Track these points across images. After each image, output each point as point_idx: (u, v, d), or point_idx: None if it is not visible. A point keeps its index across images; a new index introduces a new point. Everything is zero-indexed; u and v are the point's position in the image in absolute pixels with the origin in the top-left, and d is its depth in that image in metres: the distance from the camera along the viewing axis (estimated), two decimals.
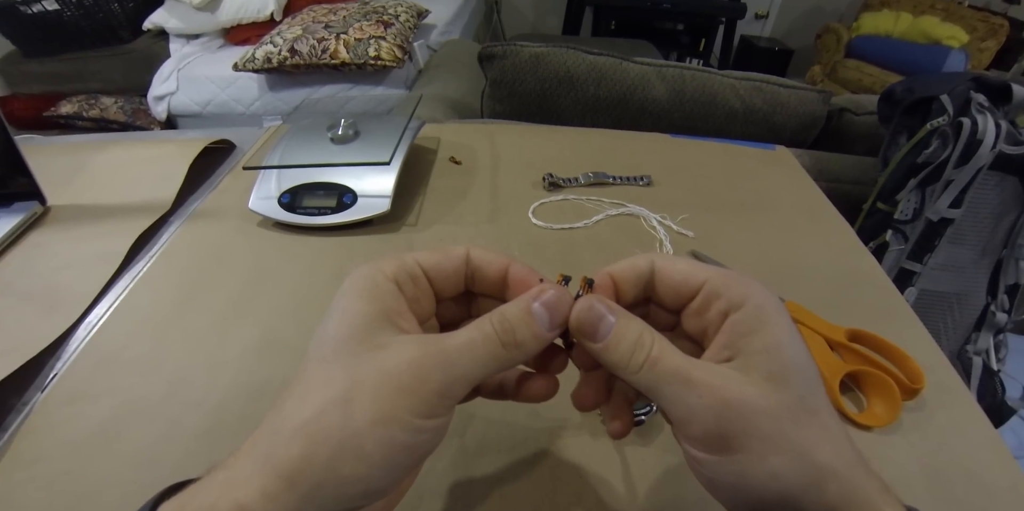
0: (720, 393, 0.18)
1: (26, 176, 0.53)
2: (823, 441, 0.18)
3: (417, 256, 0.21)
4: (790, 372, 0.18)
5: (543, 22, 3.16)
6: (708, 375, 0.18)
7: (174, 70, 1.89)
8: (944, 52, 2.20)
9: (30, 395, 0.38)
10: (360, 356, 0.18)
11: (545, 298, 0.20)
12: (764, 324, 0.19)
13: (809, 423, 0.18)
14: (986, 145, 0.76)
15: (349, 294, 0.20)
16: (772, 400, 0.18)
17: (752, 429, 0.18)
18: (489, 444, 0.34)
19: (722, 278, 0.21)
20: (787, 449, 0.18)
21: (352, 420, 0.16)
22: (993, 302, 0.86)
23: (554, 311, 0.20)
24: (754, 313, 0.20)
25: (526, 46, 0.91)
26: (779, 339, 0.19)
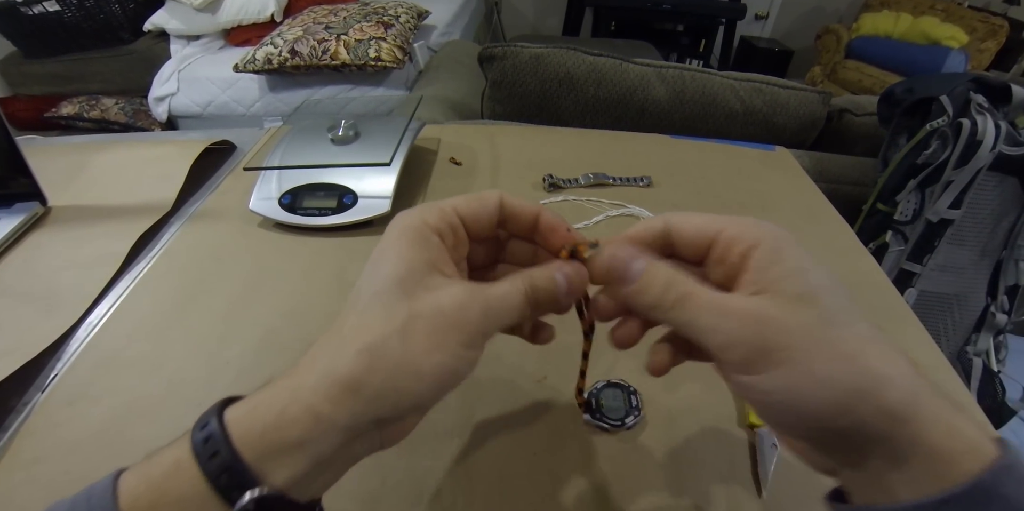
0: (757, 314, 0.19)
1: (27, 177, 0.54)
2: (868, 348, 0.19)
3: (456, 204, 0.24)
4: (817, 291, 0.20)
5: (543, 23, 3.16)
6: (742, 302, 0.20)
7: (175, 71, 1.89)
8: (944, 53, 2.20)
9: (30, 395, 0.38)
10: (415, 294, 0.20)
11: (566, 271, 0.23)
12: (783, 256, 0.21)
13: (849, 334, 0.19)
14: (986, 146, 0.77)
15: (400, 243, 0.22)
16: (806, 315, 0.19)
17: (793, 341, 0.19)
18: (488, 447, 0.34)
19: (736, 224, 0.22)
20: (830, 356, 0.18)
21: (411, 346, 0.20)
22: (993, 303, 0.86)
23: (572, 282, 0.23)
24: (772, 247, 0.21)
25: (526, 47, 0.91)
26: (799, 265, 0.20)
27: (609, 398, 0.36)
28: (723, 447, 0.35)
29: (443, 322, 0.20)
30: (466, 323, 0.21)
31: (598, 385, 0.37)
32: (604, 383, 0.37)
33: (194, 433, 0.19)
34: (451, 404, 0.36)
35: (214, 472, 0.18)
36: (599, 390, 0.37)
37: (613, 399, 0.36)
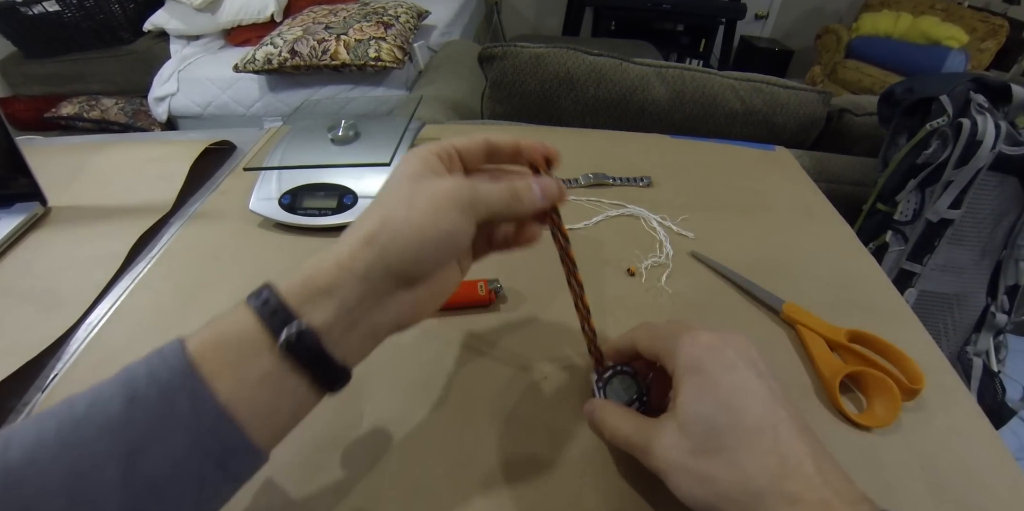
0: (649, 450, 0.27)
1: (27, 177, 0.54)
2: (722, 474, 0.24)
3: (452, 140, 0.29)
4: (692, 423, 0.26)
5: (543, 23, 3.17)
6: (642, 437, 0.28)
7: (174, 71, 1.89)
8: (944, 53, 2.20)
9: (30, 395, 0.38)
10: (419, 182, 0.26)
11: (543, 183, 0.29)
12: (683, 385, 0.27)
13: (709, 461, 0.25)
14: (986, 146, 0.77)
15: (407, 160, 0.28)
16: (681, 446, 0.26)
17: (668, 468, 0.26)
18: (486, 451, 0.34)
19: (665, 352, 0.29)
20: (691, 480, 0.25)
21: (413, 210, 0.25)
22: (993, 303, 0.86)
23: (545, 190, 0.29)
24: (680, 377, 0.27)
25: (526, 47, 0.91)
26: (688, 397, 0.26)
27: (617, 388, 0.34)
28: None
29: (440, 194, 0.25)
30: (459, 196, 0.25)
31: (606, 375, 0.34)
32: (612, 371, 0.34)
33: (249, 298, 0.24)
34: (451, 402, 0.36)
35: (265, 314, 0.23)
36: (608, 379, 0.34)
37: (623, 388, 0.34)
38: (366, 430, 0.35)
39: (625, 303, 0.45)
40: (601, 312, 0.44)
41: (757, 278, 0.47)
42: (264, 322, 0.23)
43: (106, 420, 0.20)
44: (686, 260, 0.50)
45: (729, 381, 0.26)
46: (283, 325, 0.23)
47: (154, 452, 0.20)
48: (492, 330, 0.42)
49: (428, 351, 0.40)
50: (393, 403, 0.36)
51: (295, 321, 0.23)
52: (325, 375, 0.24)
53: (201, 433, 0.21)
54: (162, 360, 0.22)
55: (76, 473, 0.19)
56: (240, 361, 0.22)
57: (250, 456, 0.23)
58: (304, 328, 0.23)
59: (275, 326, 0.23)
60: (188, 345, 0.22)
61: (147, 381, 0.21)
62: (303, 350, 0.23)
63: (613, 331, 0.42)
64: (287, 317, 0.23)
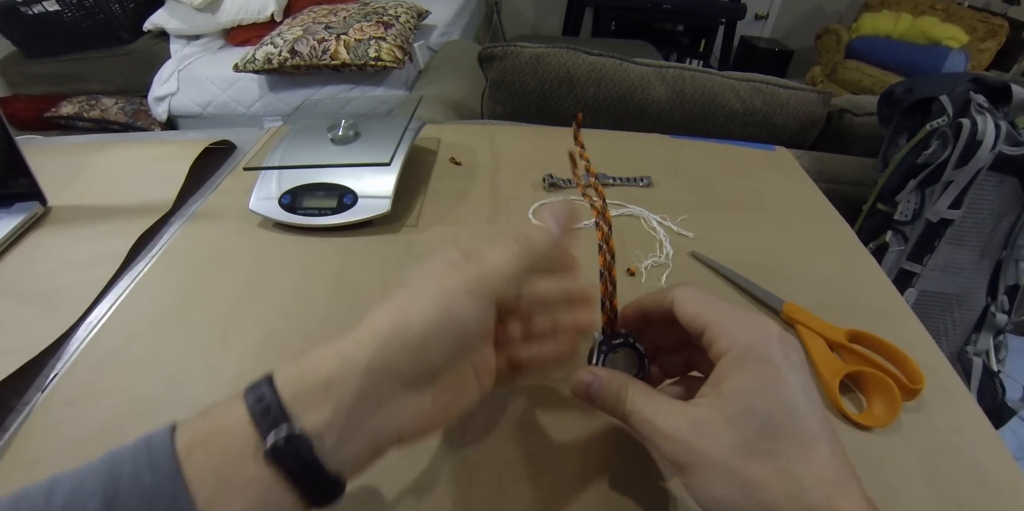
0: (676, 437, 0.23)
1: (27, 176, 0.54)
2: (773, 481, 0.21)
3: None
4: (745, 417, 0.22)
5: (543, 23, 3.17)
6: (669, 421, 0.24)
7: (174, 71, 1.89)
8: (944, 53, 2.20)
9: (30, 395, 0.38)
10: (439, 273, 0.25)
11: (551, 209, 0.27)
12: (740, 371, 0.23)
13: (759, 463, 0.21)
14: (986, 146, 0.77)
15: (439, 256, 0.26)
16: (722, 441, 0.22)
17: (700, 462, 0.22)
18: (486, 451, 0.34)
19: (719, 326, 0.24)
20: (728, 482, 0.21)
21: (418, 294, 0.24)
22: (993, 303, 0.86)
23: (557, 215, 0.27)
24: (736, 359, 0.23)
25: (526, 47, 0.91)
26: (746, 386, 0.23)
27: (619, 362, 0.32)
28: None
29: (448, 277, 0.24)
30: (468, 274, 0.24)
31: (616, 342, 0.31)
32: (623, 340, 0.32)
33: (247, 390, 0.22)
34: None
35: (257, 412, 0.21)
36: (615, 347, 0.32)
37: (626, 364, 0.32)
38: None
39: (625, 303, 0.45)
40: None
41: (757, 278, 0.47)
42: (255, 421, 0.21)
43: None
44: (686, 260, 0.50)
45: (797, 381, 0.23)
46: (272, 427, 0.20)
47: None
48: None
49: None
50: None
51: (285, 423, 0.21)
52: (314, 487, 0.21)
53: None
54: (148, 458, 0.20)
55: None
56: (224, 464, 0.20)
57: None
58: (296, 432, 0.20)
59: (264, 427, 0.21)
60: (179, 438, 0.21)
61: (130, 482, 0.20)
62: (291, 457, 0.20)
63: None
64: (278, 417, 0.21)
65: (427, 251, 0.51)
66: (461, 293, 0.23)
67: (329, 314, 0.44)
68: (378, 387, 0.22)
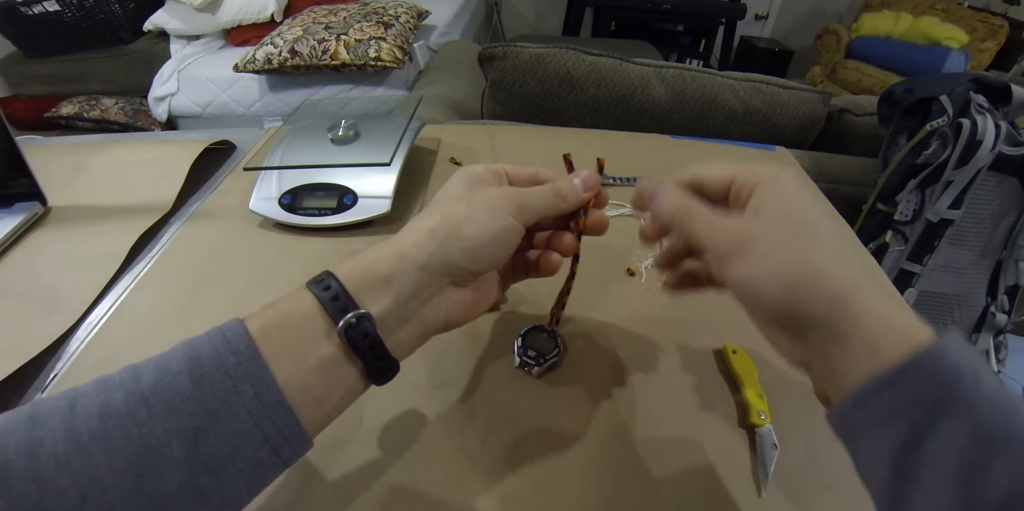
0: (737, 224, 0.26)
1: (27, 177, 0.54)
2: (820, 251, 0.24)
3: (504, 164, 0.32)
4: (791, 213, 0.25)
5: (543, 23, 3.17)
6: (730, 219, 0.26)
7: (175, 71, 1.89)
8: (944, 53, 2.20)
9: (30, 395, 0.38)
10: (472, 187, 0.29)
11: (583, 175, 0.32)
12: (775, 192, 0.26)
13: (807, 241, 0.24)
14: (985, 146, 0.77)
15: (460, 173, 0.30)
16: (776, 227, 0.24)
17: (760, 240, 0.24)
18: (486, 451, 0.34)
19: (746, 170, 0.27)
20: (785, 252, 0.24)
21: (472, 209, 0.27)
22: (993, 303, 0.86)
23: (586, 181, 0.32)
24: (769, 186, 0.26)
25: (526, 47, 0.91)
26: (787, 198, 0.25)
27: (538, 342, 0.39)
28: (723, 447, 0.35)
29: (494, 197, 0.28)
30: (512, 198, 0.28)
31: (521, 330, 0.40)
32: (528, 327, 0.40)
33: (310, 284, 0.25)
34: (451, 402, 0.36)
35: (326, 299, 0.24)
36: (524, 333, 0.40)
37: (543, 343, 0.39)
38: (366, 431, 0.35)
39: (625, 303, 0.45)
40: (601, 312, 0.44)
41: None
42: (325, 307, 0.24)
43: (174, 397, 0.21)
44: None
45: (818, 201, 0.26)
46: (343, 312, 0.24)
47: (218, 433, 0.21)
48: (492, 330, 0.42)
49: (428, 351, 0.40)
50: (393, 404, 0.36)
51: (355, 308, 0.24)
52: (377, 365, 0.25)
53: (261, 419, 0.22)
54: (226, 342, 0.23)
55: (145, 447, 0.20)
56: (300, 345, 0.23)
57: (301, 443, 0.23)
58: (364, 315, 0.24)
59: (335, 312, 0.24)
60: (250, 327, 0.23)
61: (212, 363, 0.22)
62: (361, 336, 0.24)
63: (613, 331, 0.42)
64: (348, 303, 0.24)
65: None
66: (508, 213, 0.28)
67: None
68: (431, 282, 0.26)
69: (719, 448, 0.35)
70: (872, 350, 0.21)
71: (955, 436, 0.19)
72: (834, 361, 0.23)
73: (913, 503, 0.20)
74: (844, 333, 0.22)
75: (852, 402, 0.22)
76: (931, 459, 0.19)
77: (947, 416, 0.19)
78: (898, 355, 0.20)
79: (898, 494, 0.20)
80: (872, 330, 0.22)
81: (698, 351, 0.41)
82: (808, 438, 0.35)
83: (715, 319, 0.44)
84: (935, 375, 0.20)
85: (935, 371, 0.20)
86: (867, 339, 0.21)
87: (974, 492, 0.18)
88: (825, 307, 0.22)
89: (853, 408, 0.22)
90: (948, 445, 0.19)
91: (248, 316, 0.24)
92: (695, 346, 0.42)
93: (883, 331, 0.21)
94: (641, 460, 0.34)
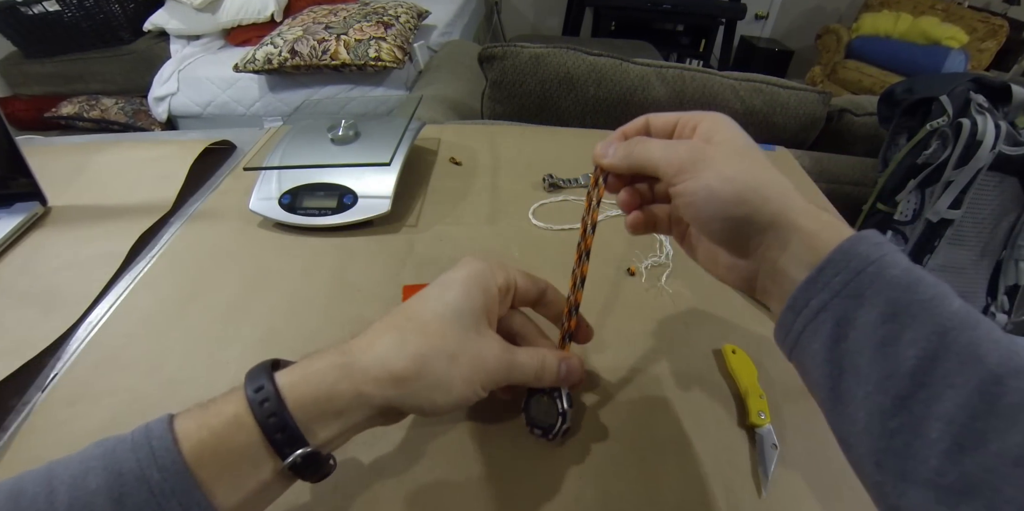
0: (688, 145, 0.28)
1: (27, 177, 0.54)
2: (759, 167, 0.26)
3: (517, 276, 0.32)
4: (731, 139, 0.27)
5: (543, 23, 3.17)
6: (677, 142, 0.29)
7: (174, 71, 1.89)
8: (944, 53, 2.20)
9: (30, 395, 0.38)
10: (468, 334, 0.27)
11: (570, 363, 0.31)
12: (716, 127, 0.28)
13: (749, 160, 0.27)
14: (986, 146, 0.77)
15: (470, 281, 0.29)
16: (722, 148, 0.27)
17: (711, 158, 0.26)
18: (487, 451, 0.34)
19: (690, 114, 0.30)
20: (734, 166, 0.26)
21: (453, 371, 0.26)
22: (993, 303, 0.86)
23: (570, 372, 0.31)
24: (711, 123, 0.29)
25: (526, 47, 0.91)
26: (727, 131, 0.28)
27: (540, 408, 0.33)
28: (723, 447, 0.35)
29: (480, 365, 0.27)
30: (494, 372, 0.27)
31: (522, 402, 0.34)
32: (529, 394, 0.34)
33: (248, 392, 0.23)
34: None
35: (271, 430, 0.23)
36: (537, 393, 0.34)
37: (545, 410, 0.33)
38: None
39: (625, 303, 0.45)
40: (601, 312, 0.44)
41: None
42: (269, 440, 0.23)
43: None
44: (686, 260, 0.50)
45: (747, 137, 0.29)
46: (289, 445, 0.23)
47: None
48: None
49: None
50: None
51: (303, 446, 0.23)
52: (317, 477, 0.25)
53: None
54: (151, 456, 0.21)
55: None
56: (239, 474, 0.22)
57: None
58: (310, 451, 0.23)
59: (281, 447, 0.23)
60: (181, 443, 0.22)
61: (135, 480, 0.20)
62: (306, 469, 0.24)
63: (613, 331, 0.42)
64: (294, 438, 0.23)
65: (427, 251, 0.51)
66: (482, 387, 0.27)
67: (329, 314, 0.44)
68: (383, 415, 0.26)
69: (719, 448, 0.35)
70: (810, 247, 0.24)
71: (869, 319, 0.21)
72: (778, 263, 0.25)
73: (848, 392, 0.22)
74: (785, 235, 0.25)
75: (787, 309, 0.24)
76: (854, 345, 0.22)
77: (862, 302, 0.22)
78: (827, 248, 0.23)
79: (835, 387, 0.22)
80: (807, 230, 0.24)
81: (698, 351, 0.41)
82: (808, 438, 0.35)
83: (715, 319, 0.44)
84: (848, 266, 0.22)
85: (847, 263, 0.22)
86: (804, 238, 0.24)
87: (890, 365, 0.20)
88: (771, 212, 0.25)
89: (788, 315, 0.24)
90: (865, 329, 0.21)
91: (178, 420, 0.23)
92: (695, 346, 0.42)
93: (819, 230, 0.24)
94: (641, 460, 0.34)
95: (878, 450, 0.20)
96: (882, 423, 0.20)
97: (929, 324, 0.20)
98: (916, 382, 0.20)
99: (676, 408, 0.37)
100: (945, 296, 0.21)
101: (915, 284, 0.21)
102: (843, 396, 0.22)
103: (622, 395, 0.38)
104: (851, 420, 0.22)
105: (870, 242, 0.23)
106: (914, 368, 0.20)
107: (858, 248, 0.22)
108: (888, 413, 0.20)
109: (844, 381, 0.22)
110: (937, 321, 0.20)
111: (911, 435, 0.20)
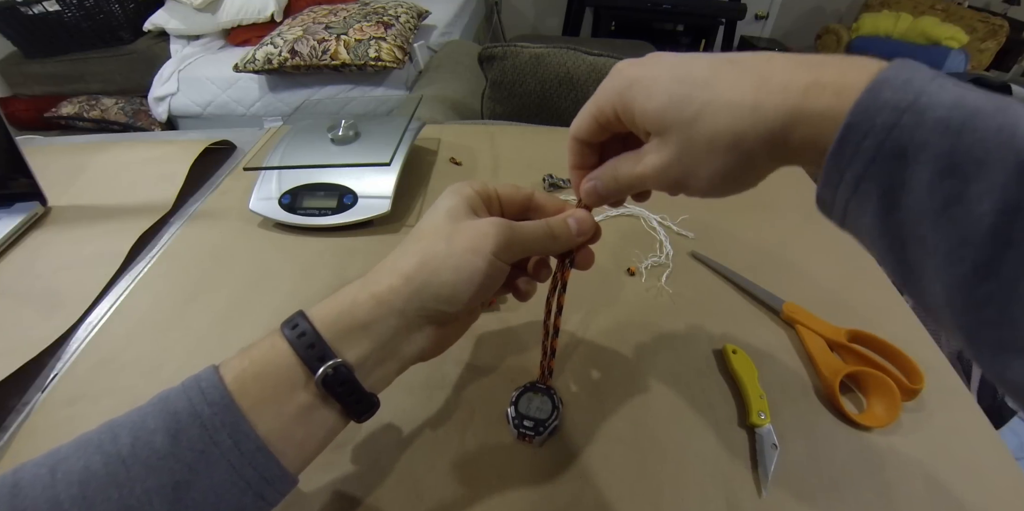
0: (653, 160, 0.26)
1: (27, 177, 0.54)
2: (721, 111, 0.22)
3: (496, 185, 0.30)
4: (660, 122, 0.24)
5: (543, 23, 3.16)
6: (640, 156, 0.27)
7: (175, 71, 1.89)
8: (944, 53, 2.20)
9: (31, 395, 0.38)
10: (459, 219, 0.27)
11: (578, 216, 0.30)
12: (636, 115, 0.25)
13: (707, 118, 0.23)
14: None
15: (447, 196, 0.29)
16: (680, 147, 0.24)
17: (688, 164, 0.25)
18: (486, 451, 0.34)
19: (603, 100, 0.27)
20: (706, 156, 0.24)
21: (453, 248, 0.26)
22: None
23: (581, 223, 0.30)
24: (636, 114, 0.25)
25: (526, 47, 0.91)
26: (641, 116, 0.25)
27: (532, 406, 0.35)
28: (723, 447, 0.35)
29: (479, 234, 0.26)
30: (497, 237, 0.26)
31: (513, 396, 0.36)
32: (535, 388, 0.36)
33: (283, 328, 0.25)
34: (451, 402, 0.36)
35: (302, 348, 0.24)
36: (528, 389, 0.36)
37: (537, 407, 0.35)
38: (366, 431, 0.35)
39: (625, 303, 0.45)
40: (601, 312, 0.44)
41: (757, 278, 0.47)
42: (301, 357, 0.24)
43: (152, 456, 0.21)
44: (686, 260, 0.50)
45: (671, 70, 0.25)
46: (320, 362, 0.24)
47: (198, 485, 0.21)
48: (492, 331, 0.42)
49: None
50: (393, 403, 0.36)
51: (332, 358, 0.24)
52: (356, 406, 0.25)
53: (242, 466, 0.22)
54: (201, 394, 0.23)
55: (126, 508, 0.20)
56: (277, 395, 0.23)
57: (285, 483, 0.24)
58: (340, 364, 0.24)
59: (312, 362, 0.24)
60: (225, 377, 0.23)
61: (189, 416, 0.22)
62: (339, 384, 0.24)
63: (613, 331, 0.42)
64: (324, 353, 0.24)
65: None
66: (491, 253, 0.26)
67: None
68: (409, 324, 0.26)
69: (719, 448, 0.35)
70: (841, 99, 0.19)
71: (922, 178, 0.17)
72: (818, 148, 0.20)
73: (919, 264, 0.18)
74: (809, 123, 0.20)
75: (822, 186, 0.21)
76: (909, 213, 0.18)
77: (906, 163, 0.17)
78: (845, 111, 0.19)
79: (902, 261, 0.19)
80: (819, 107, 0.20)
81: (698, 351, 0.41)
82: (808, 438, 0.35)
83: (715, 319, 0.44)
84: (875, 125, 0.18)
85: (872, 121, 0.18)
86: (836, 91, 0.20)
87: (960, 228, 0.17)
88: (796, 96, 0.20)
89: (827, 191, 0.21)
90: (919, 192, 0.17)
91: (223, 363, 0.24)
92: (695, 346, 0.42)
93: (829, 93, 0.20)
94: (641, 460, 0.34)
95: (965, 324, 0.18)
96: (965, 295, 0.17)
97: (1001, 165, 0.16)
98: (1000, 241, 0.16)
99: (676, 408, 0.37)
100: (1018, 122, 0.16)
101: (970, 120, 0.16)
102: (913, 269, 0.19)
103: (622, 395, 0.38)
104: (928, 293, 0.19)
105: (895, 85, 0.18)
106: (993, 226, 0.16)
107: (881, 98, 0.18)
108: (970, 284, 0.17)
109: (910, 253, 0.19)
110: (1012, 158, 0.16)
111: (1004, 301, 0.16)
